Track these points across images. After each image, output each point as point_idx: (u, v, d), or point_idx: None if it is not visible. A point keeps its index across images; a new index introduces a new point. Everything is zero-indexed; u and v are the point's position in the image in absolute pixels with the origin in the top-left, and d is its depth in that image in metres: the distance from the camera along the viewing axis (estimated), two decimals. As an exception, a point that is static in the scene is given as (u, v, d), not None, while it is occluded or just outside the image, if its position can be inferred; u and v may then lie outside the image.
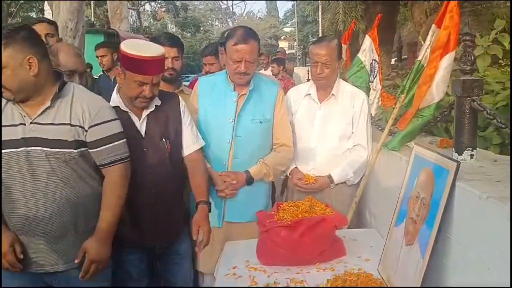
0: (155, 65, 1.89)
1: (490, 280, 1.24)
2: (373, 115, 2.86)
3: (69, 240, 1.76)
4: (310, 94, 2.50)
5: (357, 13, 8.65)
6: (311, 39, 26.67)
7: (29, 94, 1.66)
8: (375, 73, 3.04)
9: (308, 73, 9.20)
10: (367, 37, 3.15)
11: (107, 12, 15.21)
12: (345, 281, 1.67)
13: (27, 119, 1.68)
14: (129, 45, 1.88)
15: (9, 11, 16.80)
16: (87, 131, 1.73)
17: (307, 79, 8.88)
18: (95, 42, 4.95)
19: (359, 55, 3.14)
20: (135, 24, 29.21)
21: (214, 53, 3.34)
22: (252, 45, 2.15)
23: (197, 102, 2.31)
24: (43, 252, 1.73)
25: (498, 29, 3.21)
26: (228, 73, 2.27)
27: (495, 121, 1.72)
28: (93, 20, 18.13)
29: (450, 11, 1.93)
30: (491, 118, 1.73)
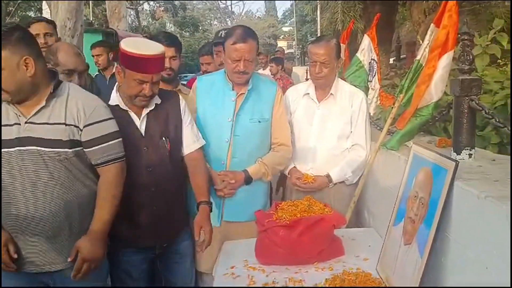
0: (155, 64, 1.88)
1: (489, 280, 1.24)
2: (371, 114, 2.86)
3: (64, 240, 1.75)
4: (308, 93, 2.49)
5: (355, 12, 8.64)
6: (310, 39, 26.66)
7: (26, 95, 1.65)
8: (374, 72, 3.04)
9: (306, 72, 9.17)
10: (365, 36, 3.14)
11: (105, 11, 15.18)
12: (343, 280, 1.67)
13: (22, 118, 1.67)
14: (128, 43, 1.87)
15: (7, 10, 16.77)
16: (82, 130, 1.72)
17: (306, 78, 8.86)
18: (93, 41, 4.92)
19: (357, 54, 3.14)
20: (133, 23, 29.10)
21: (211, 52, 3.32)
22: (251, 44, 2.15)
23: (195, 101, 2.30)
24: (38, 252, 1.72)
25: (496, 29, 3.22)
26: (227, 72, 2.26)
27: (493, 120, 1.73)
28: (91, 19, 18.06)
29: (449, 11, 1.94)
30: (490, 118, 1.73)
